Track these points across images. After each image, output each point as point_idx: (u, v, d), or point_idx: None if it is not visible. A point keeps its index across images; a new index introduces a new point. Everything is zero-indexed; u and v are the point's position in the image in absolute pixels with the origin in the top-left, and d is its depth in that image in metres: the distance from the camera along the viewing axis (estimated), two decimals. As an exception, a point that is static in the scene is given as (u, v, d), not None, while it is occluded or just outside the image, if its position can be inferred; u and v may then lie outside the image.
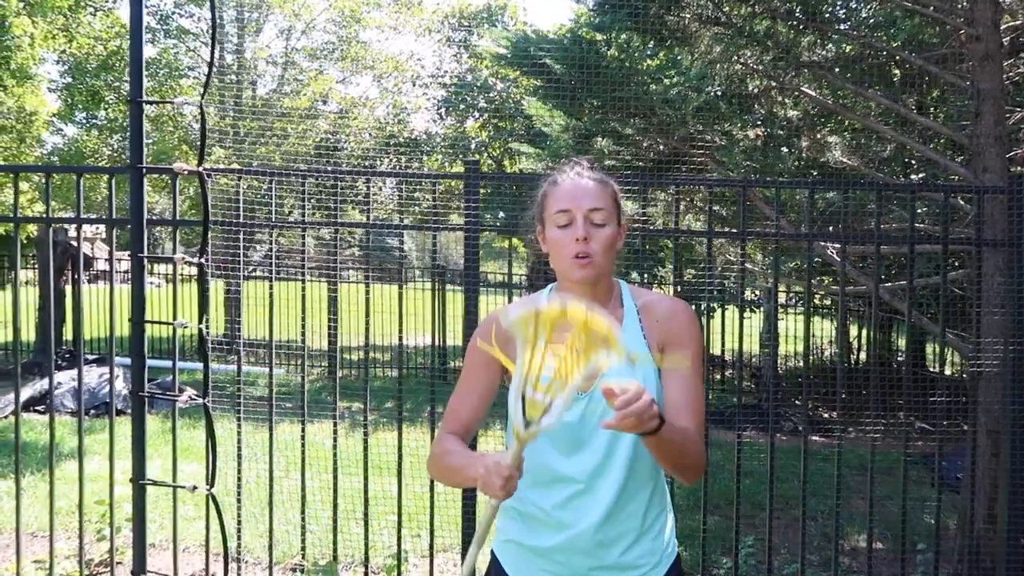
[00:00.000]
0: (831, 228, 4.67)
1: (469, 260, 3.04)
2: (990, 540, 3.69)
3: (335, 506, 3.39)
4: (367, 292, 3.33)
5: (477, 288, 3.15)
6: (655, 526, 1.80)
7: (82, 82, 15.21)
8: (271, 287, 3.37)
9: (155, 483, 2.86)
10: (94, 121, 16.07)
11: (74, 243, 14.48)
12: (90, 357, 10.04)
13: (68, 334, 11.38)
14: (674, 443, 1.55)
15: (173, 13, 16.22)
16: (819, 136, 4.71)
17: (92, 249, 20.72)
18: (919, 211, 5.27)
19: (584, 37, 5.16)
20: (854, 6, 5.20)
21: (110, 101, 15.56)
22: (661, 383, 1.73)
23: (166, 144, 14.13)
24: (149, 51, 14.98)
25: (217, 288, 12.07)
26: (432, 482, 3.38)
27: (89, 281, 15.90)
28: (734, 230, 3.42)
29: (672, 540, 1.85)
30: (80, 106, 15.45)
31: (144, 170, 2.75)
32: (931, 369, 8.39)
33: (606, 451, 1.71)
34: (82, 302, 3.31)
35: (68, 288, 10.76)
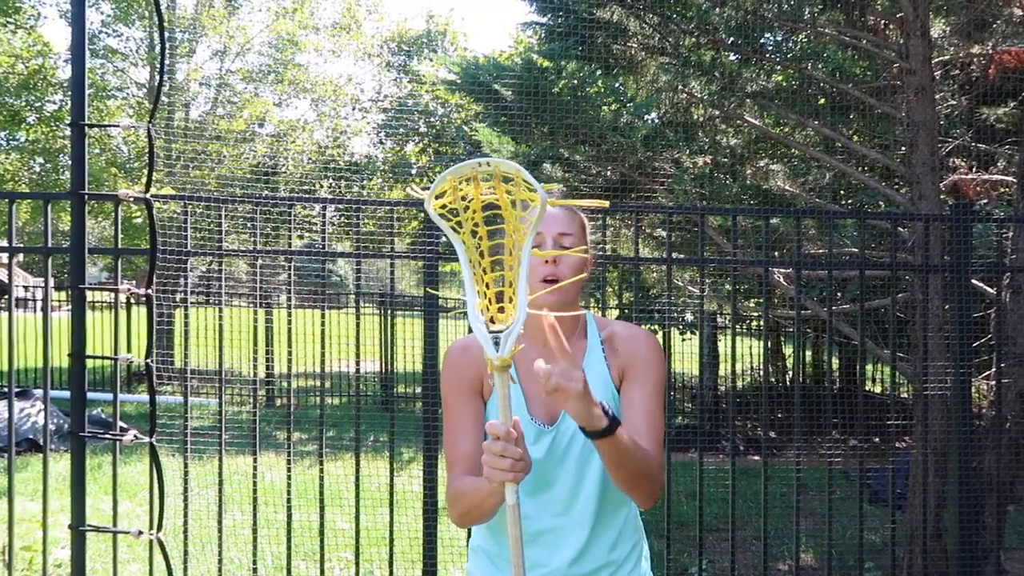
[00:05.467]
0: (776, 254, 4.80)
1: (429, 287, 2.99)
2: (936, 556, 3.80)
3: (289, 543, 3.26)
4: (322, 319, 3.24)
5: (436, 315, 3.10)
6: (631, 557, 1.77)
7: (1, 101, 14.57)
8: (220, 315, 3.25)
9: (96, 529, 2.69)
10: (14, 142, 15.38)
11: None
12: (6, 390, 9.48)
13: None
14: (629, 454, 1.48)
15: (100, 32, 15.73)
16: (762, 164, 4.84)
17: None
18: (848, 237, 5.47)
19: (537, 64, 5.22)
20: (791, 38, 5.40)
21: (31, 122, 14.93)
22: (621, 410, 1.69)
23: (93, 167, 13.61)
24: (71, 71, 14.41)
25: (139, 315, 11.62)
26: (391, 516, 3.28)
27: (1, 310, 15.11)
28: (692, 257, 3.46)
29: (648, 573, 1.83)
30: (-2, 127, 14.80)
31: (86, 196, 2.60)
32: (868, 390, 8.67)
33: (572, 487, 1.67)
34: (14, 333, 3.11)
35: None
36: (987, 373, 4.45)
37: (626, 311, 4.54)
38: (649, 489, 1.57)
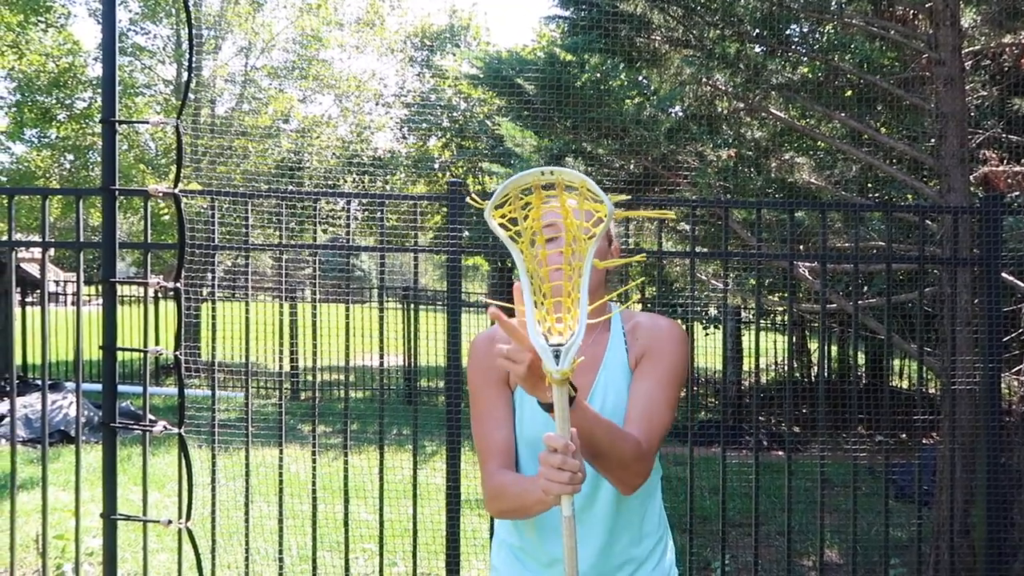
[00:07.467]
0: (801, 247, 4.75)
1: (452, 281, 3.00)
2: (963, 552, 3.75)
3: (314, 534, 3.30)
4: (347, 313, 3.27)
5: (459, 309, 3.11)
6: (655, 553, 1.75)
7: (32, 99, 14.82)
8: (247, 309, 3.29)
9: (127, 518, 2.75)
10: (45, 139, 15.66)
11: (21, 266, 14.05)
12: (39, 382, 9.67)
13: (19, 359, 11.03)
14: (591, 435, 1.41)
15: (128, 30, 15.94)
16: (787, 157, 4.80)
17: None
18: (875, 230, 5.40)
19: (560, 58, 5.21)
20: (818, 28, 5.34)
21: (61, 119, 15.18)
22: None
23: (122, 163, 13.83)
24: (101, 69, 14.62)
25: (167, 309, 11.80)
26: (415, 508, 3.31)
27: (34, 304, 15.44)
28: (716, 251, 3.45)
29: (673, 568, 1.82)
30: (30, 124, 15.05)
31: (117, 192, 2.65)
32: (895, 385, 8.57)
33: (591, 483, 1.65)
34: (48, 327, 3.18)
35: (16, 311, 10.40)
36: (1017, 368, 4.39)
37: (649, 305, 4.53)
38: (620, 475, 1.52)
